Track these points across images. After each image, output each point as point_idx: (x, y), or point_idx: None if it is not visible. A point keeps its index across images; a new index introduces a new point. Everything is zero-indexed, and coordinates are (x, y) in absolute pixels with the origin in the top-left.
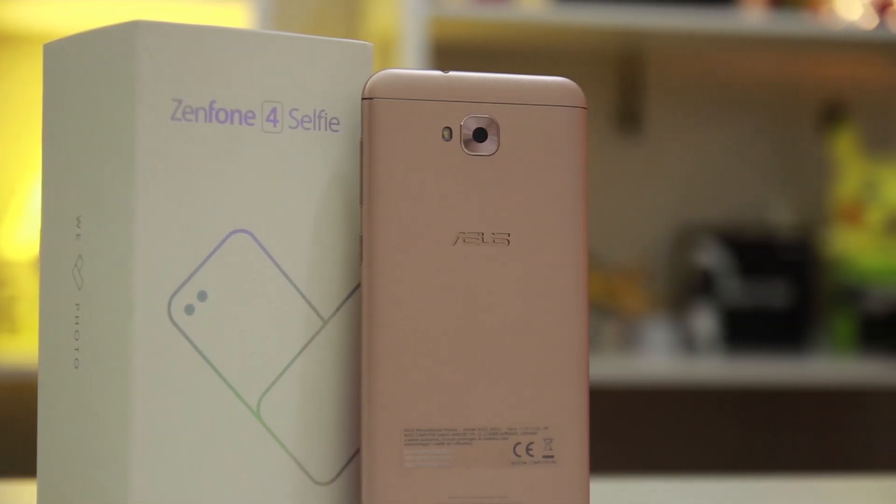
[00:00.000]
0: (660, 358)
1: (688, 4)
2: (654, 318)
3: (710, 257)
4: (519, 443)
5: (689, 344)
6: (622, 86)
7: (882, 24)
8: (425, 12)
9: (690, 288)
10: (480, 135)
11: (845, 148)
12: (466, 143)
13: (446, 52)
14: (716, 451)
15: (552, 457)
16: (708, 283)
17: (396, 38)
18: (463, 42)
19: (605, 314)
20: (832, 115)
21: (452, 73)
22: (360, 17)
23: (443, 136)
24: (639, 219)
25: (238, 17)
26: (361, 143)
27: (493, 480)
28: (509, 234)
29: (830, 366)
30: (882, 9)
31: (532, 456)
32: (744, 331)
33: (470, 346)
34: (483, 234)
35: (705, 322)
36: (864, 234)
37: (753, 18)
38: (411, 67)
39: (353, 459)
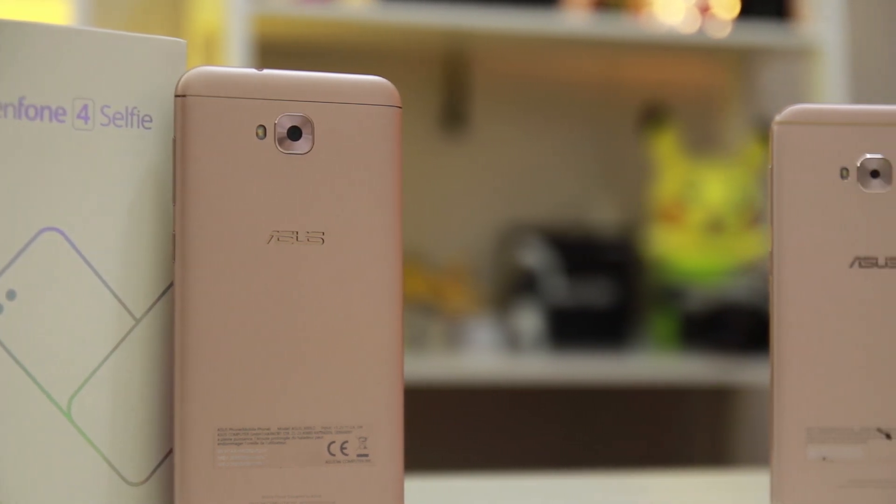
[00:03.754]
0: (484, 356)
1: (511, 5)
2: (479, 317)
3: (534, 256)
4: (333, 442)
5: (513, 342)
6: (447, 85)
7: (702, 28)
8: (249, 10)
9: (514, 287)
10: (295, 133)
11: (666, 149)
12: (280, 141)
13: (271, 50)
14: (540, 448)
15: (367, 455)
16: (532, 282)
17: (221, 35)
18: (287, 40)
19: (430, 313)
20: (653, 116)
21: (267, 71)
22: (185, 14)
23: (257, 134)
24: (463, 218)
25: (57, 14)
26: (174, 141)
27: (308, 479)
28: (324, 233)
29: (651, 364)
30: (702, 11)
31: (346, 455)
32: (567, 329)
33: (284, 346)
34: (297, 232)
35: (529, 321)
36: (685, 234)
37: (576, 20)
38: (235, 65)
39: (165, 459)
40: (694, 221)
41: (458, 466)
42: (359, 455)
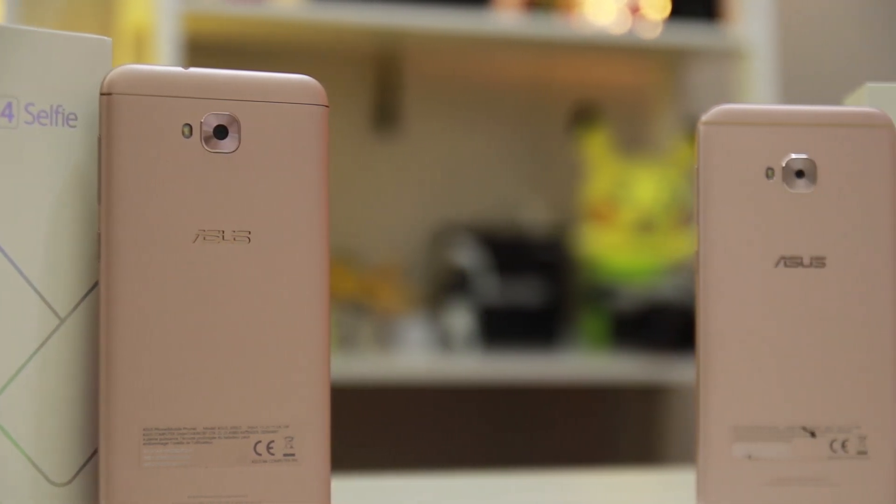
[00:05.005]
0: (416, 356)
1: (443, 5)
2: (411, 316)
3: (466, 256)
4: (260, 441)
5: (445, 342)
6: (379, 85)
7: (632, 28)
8: (179, 8)
9: (446, 286)
10: (221, 132)
11: (597, 149)
12: (207, 140)
13: (201, 49)
14: (471, 447)
15: (293, 455)
16: (463, 282)
17: (151, 33)
18: (218, 38)
19: (362, 312)
20: (584, 116)
21: (193, 70)
22: (116, 12)
23: (183, 132)
24: (395, 217)
25: None
26: (99, 140)
27: (234, 479)
28: (250, 232)
29: (582, 363)
30: (633, 12)
31: (273, 454)
32: (499, 329)
33: (209, 345)
34: (223, 231)
35: (461, 320)
36: (615, 233)
37: (507, 20)
38: (164, 64)
39: (91, 459)
40: (624, 221)
41: (391, 466)
42: (285, 455)
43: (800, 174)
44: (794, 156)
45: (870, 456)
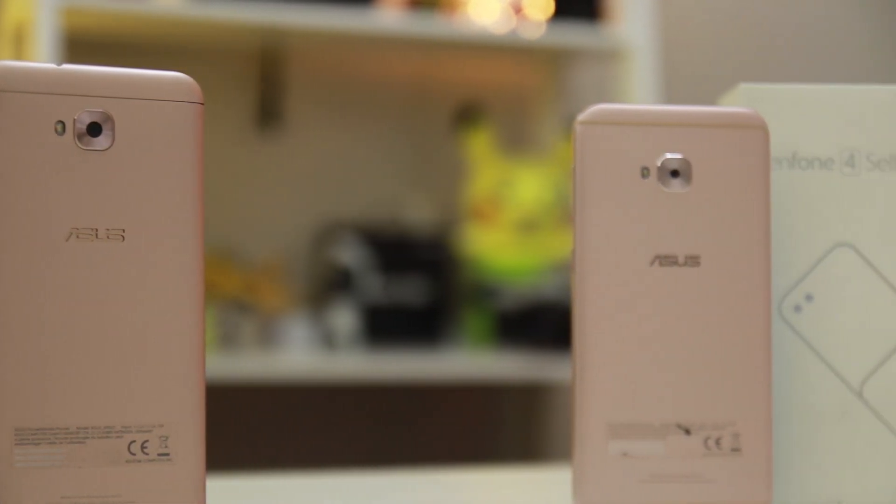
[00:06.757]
0: (299, 355)
1: (326, 3)
2: (294, 315)
3: (349, 254)
4: (134, 441)
5: (328, 340)
6: (261, 83)
7: (515, 28)
8: (59, 3)
9: (329, 285)
10: (94, 129)
11: (480, 148)
12: (80, 137)
13: (82, 45)
14: (355, 446)
15: (167, 455)
16: (347, 280)
17: (30, 28)
18: (100, 35)
19: (244, 311)
20: (468, 115)
21: (66, 66)
22: None
23: (56, 130)
24: (278, 215)
25: None
26: None
27: (108, 479)
28: (124, 231)
29: (466, 361)
30: (516, 12)
31: (147, 454)
32: (382, 327)
33: (82, 344)
34: (97, 230)
35: (344, 319)
36: (499, 232)
37: (391, 19)
38: (43, 60)
39: None
40: (507, 220)
41: (275, 466)
42: (159, 454)
43: (675, 174)
44: (669, 156)
45: (743, 453)
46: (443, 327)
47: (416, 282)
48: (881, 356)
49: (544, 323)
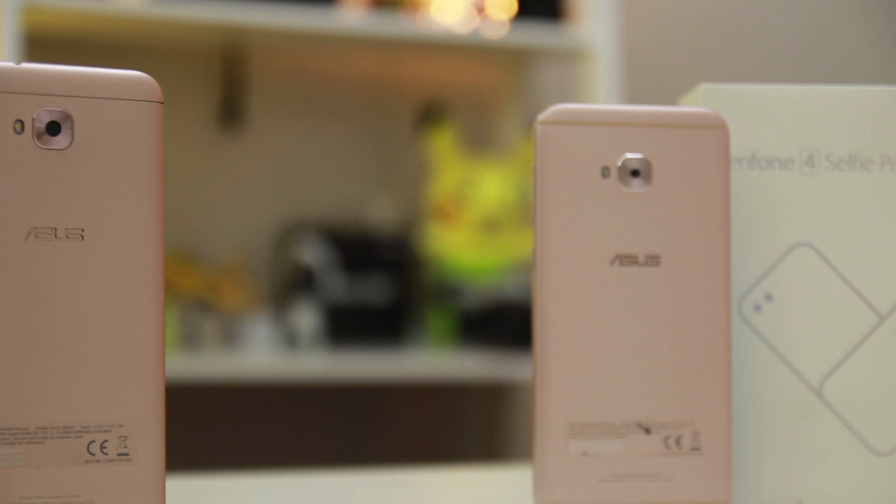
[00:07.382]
0: (261, 354)
1: (289, 2)
2: (256, 315)
3: (312, 254)
4: (93, 441)
5: (290, 340)
6: (224, 82)
7: (478, 28)
8: (20, 1)
9: (292, 284)
10: (54, 128)
11: (443, 147)
12: (39, 136)
13: (43, 43)
14: (318, 446)
15: (127, 455)
16: (309, 280)
17: None
18: (61, 33)
19: (206, 310)
20: (430, 114)
21: (25, 65)
22: None
23: (14, 129)
24: (240, 215)
25: None
26: None
27: (66, 479)
28: (83, 230)
29: (429, 361)
30: (479, 12)
31: (106, 454)
32: (345, 327)
33: (41, 344)
34: (56, 229)
35: (307, 318)
36: (461, 232)
37: (353, 18)
38: (2, 59)
39: None
40: (470, 220)
41: (236, 465)
42: (119, 454)
43: (635, 173)
44: (629, 155)
45: (703, 452)
46: (405, 327)
47: (379, 281)
48: (840, 355)
49: (507, 322)
